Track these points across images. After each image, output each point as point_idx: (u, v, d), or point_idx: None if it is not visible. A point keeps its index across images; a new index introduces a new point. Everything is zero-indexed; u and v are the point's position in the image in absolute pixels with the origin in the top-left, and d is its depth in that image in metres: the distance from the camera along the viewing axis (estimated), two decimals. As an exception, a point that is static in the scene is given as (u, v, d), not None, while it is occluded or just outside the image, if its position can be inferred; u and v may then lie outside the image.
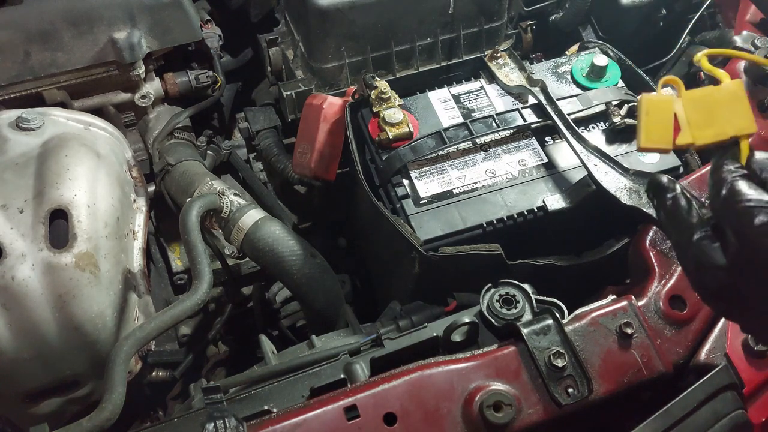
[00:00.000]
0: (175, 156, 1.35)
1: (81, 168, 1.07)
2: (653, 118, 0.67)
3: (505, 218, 1.08)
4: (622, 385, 0.83)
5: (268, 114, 1.50)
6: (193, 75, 1.45)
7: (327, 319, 1.20)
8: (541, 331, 0.85)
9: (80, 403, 1.12)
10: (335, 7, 1.26)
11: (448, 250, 1.05)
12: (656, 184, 0.70)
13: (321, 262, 1.21)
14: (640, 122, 0.69)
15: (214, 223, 1.26)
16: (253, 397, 0.87)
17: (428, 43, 1.37)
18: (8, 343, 0.97)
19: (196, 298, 0.99)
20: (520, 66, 1.29)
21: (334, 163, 1.28)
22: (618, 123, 1.16)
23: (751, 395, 0.86)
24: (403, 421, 0.78)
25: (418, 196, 1.11)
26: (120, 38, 1.28)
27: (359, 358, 0.91)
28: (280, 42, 1.45)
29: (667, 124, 0.66)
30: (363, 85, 1.18)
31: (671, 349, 0.88)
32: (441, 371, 0.82)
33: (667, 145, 0.67)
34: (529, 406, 0.80)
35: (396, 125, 1.14)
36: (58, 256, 0.99)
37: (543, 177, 1.14)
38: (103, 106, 1.37)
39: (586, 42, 1.37)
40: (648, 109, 0.68)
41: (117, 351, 0.91)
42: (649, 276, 0.95)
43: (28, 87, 1.27)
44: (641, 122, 0.68)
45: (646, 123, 0.68)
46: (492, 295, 0.92)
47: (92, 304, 1.02)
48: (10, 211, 1.00)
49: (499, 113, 1.19)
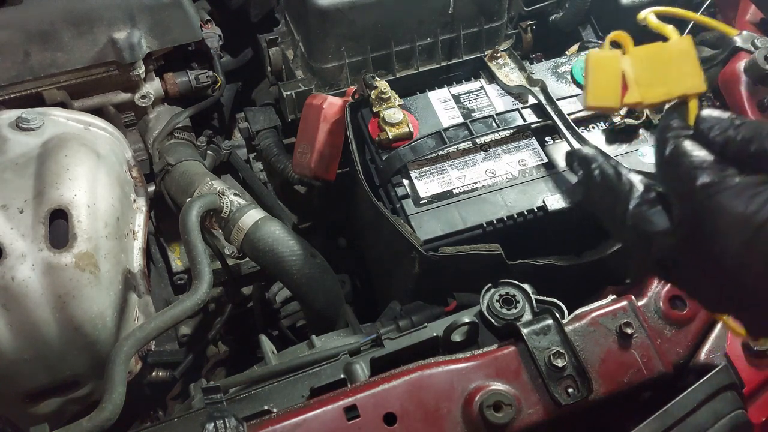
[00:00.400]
0: (175, 156, 1.35)
1: (81, 168, 1.07)
2: (599, 76, 0.64)
3: (505, 218, 1.08)
4: (622, 385, 0.83)
5: (268, 114, 1.50)
6: (193, 75, 1.45)
7: (327, 319, 1.20)
8: (541, 331, 0.85)
9: (80, 403, 1.12)
10: (335, 7, 1.26)
11: (448, 250, 1.05)
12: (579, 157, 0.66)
13: (321, 262, 1.21)
14: (586, 80, 0.66)
15: (214, 223, 1.26)
16: (253, 397, 0.87)
17: (428, 43, 1.37)
18: (8, 343, 0.97)
19: (196, 298, 0.99)
20: (520, 66, 1.29)
21: (334, 163, 1.28)
22: (618, 123, 1.16)
23: (751, 395, 0.86)
24: (403, 421, 0.78)
25: (418, 196, 1.11)
26: (120, 38, 1.28)
27: (359, 358, 0.91)
28: (280, 42, 1.45)
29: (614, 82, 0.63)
30: (363, 85, 1.18)
31: (671, 349, 0.88)
32: (441, 371, 0.82)
33: (615, 104, 0.64)
34: (529, 406, 0.80)
35: (396, 125, 1.14)
36: (58, 256, 0.99)
37: (543, 177, 1.14)
38: (103, 106, 1.37)
39: (586, 42, 1.37)
40: (593, 66, 0.65)
41: (117, 351, 0.91)
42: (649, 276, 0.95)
43: (28, 87, 1.27)
44: (587, 79, 0.66)
45: (592, 80, 0.65)
46: (492, 295, 0.92)
47: (92, 304, 1.02)
48: (10, 211, 1.00)
49: (499, 113, 1.19)
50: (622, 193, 0.61)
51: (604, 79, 0.64)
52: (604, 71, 0.64)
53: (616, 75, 0.63)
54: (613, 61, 0.64)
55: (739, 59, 1.24)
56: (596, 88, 0.64)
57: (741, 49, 1.25)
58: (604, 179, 0.63)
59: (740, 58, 1.24)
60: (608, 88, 0.63)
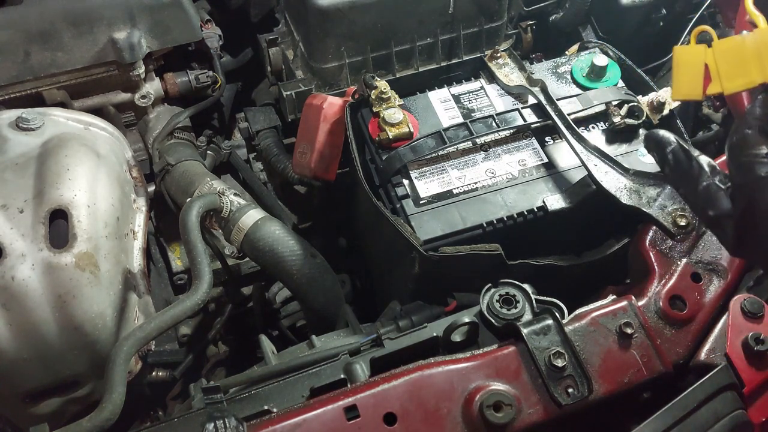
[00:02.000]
0: (175, 156, 1.35)
1: (81, 168, 1.07)
2: (684, 70, 0.68)
3: (505, 218, 1.08)
4: (622, 385, 0.83)
5: (268, 114, 1.50)
6: (193, 75, 1.45)
7: (327, 319, 1.20)
8: (541, 331, 0.85)
9: (80, 403, 1.12)
10: (335, 7, 1.26)
11: (448, 250, 1.05)
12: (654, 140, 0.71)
13: (321, 262, 1.21)
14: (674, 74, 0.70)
15: (214, 223, 1.26)
16: (253, 397, 0.87)
17: (428, 43, 1.37)
18: (8, 343, 0.97)
19: (196, 298, 0.99)
20: (520, 66, 1.29)
21: (334, 163, 1.28)
22: (618, 123, 1.16)
23: (751, 395, 0.86)
24: (403, 421, 0.78)
25: (418, 196, 1.11)
26: (120, 38, 1.28)
27: (359, 358, 0.91)
28: (280, 42, 1.45)
29: (697, 74, 0.67)
30: (363, 85, 1.18)
31: (671, 349, 0.88)
32: (441, 371, 0.82)
33: (698, 96, 0.68)
34: (529, 406, 0.80)
35: (396, 125, 1.14)
36: (58, 256, 0.99)
37: (543, 177, 1.14)
38: (103, 106, 1.37)
39: (586, 42, 1.37)
40: (679, 61, 0.69)
41: (117, 351, 0.91)
42: (649, 276, 0.95)
43: (28, 87, 1.27)
44: (673, 74, 0.70)
45: (677, 74, 0.69)
46: (492, 295, 0.92)
47: (92, 304, 1.02)
48: (10, 211, 1.00)
49: (499, 113, 1.19)
50: (692, 175, 0.66)
51: (688, 72, 0.68)
52: (687, 65, 0.68)
53: (700, 68, 0.67)
54: (697, 55, 0.67)
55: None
56: (681, 81, 0.69)
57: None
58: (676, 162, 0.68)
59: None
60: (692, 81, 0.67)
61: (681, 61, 0.69)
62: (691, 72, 0.68)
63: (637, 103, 1.17)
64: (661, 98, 1.16)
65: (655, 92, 1.18)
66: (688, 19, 1.50)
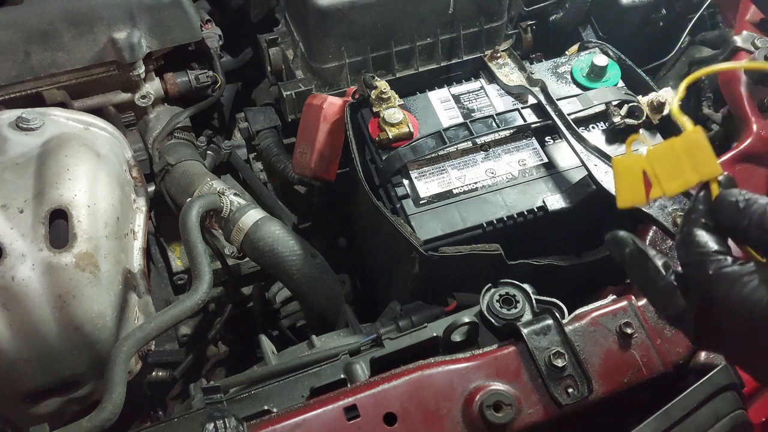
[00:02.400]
0: (175, 156, 1.35)
1: (81, 168, 1.07)
2: (624, 178, 0.71)
3: (505, 218, 1.08)
4: (622, 385, 0.83)
5: (268, 114, 1.50)
6: (193, 75, 1.45)
7: (327, 319, 1.20)
8: (541, 331, 0.85)
9: (80, 403, 1.12)
10: (335, 7, 1.26)
11: (448, 250, 1.05)
12: (613, 241, 0.73)
13: (321, 262, 1.21)
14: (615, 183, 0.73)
15: (214, 223, 1.26)
16: (253, 397, 0.87)
17: (428, 43, 1.37)
18: (8, 343, 0.97)
19: (196, 298, 0.99)
20: (520, 66, 1.29)
21: (334, 163, 1.28)
22: (618, 123, 1.16)
23: (751, 395, 0.86)
24: (403, 421, 0.78)
25: (418, 196, 1.11)
26: (120, 38, 1.28)
27: (359, 358, 0.91)
28: (280, 42, 1.45)
29: (638, 181, 0.70)
30: (363, 85, 1.18)
31: (671, 349, 0.88)
32: (441, 371, 0.82)
33: (642, 201, 0.70)
34: (529, 406, 0.80)
35: (396, 125, 1.14)
36: (58, 256, 0.99)
37: (543, 177, 1.14)
38: (103, 106, 1.37)
39: (586, 42, 1.37)
40: (618, 170, 0.72)
41: (117, 351, 0.91)
42: (649, 276, 0.94)
43: (28, 87, 1.27)
44: (615, 184, 0.72)
45: (619, 184, 0.72)
46: (492, 295, 0.92)
47: (92, 304, 1.02)
48: (10, 211, 1.00)
49: (499, 113, 1.19)
50: (649, 276, 0.68)
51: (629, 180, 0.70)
52: (627, 174, 0.71)
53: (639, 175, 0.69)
54: (635, 163, 0.70)
55: (739, 59, 1.24)
56: (624, 189, 0.71)
57: (741, 49, 1.25)
58: (633, 262, 0.70)
59: (740, 58, 1.24)
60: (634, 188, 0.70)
61: (620, 170, 0.72)
62: (631, 179, 0.70)
63: (637, 103, 1.17)
64: (661, 98, 1.16)
65: (655, 92, 1.18)
66: (688, 19, 1.50)
